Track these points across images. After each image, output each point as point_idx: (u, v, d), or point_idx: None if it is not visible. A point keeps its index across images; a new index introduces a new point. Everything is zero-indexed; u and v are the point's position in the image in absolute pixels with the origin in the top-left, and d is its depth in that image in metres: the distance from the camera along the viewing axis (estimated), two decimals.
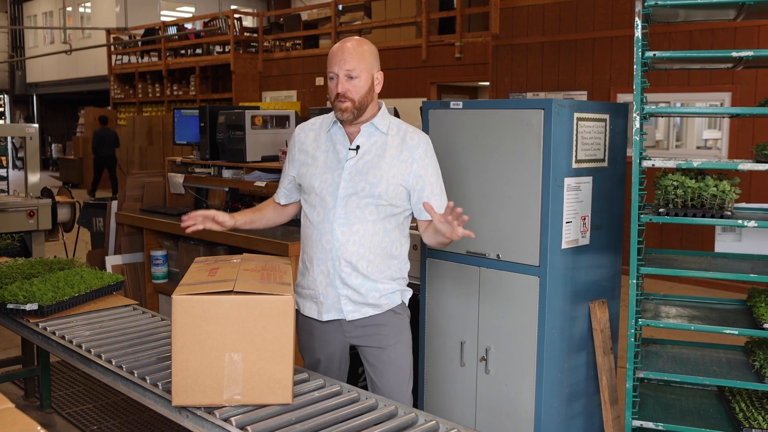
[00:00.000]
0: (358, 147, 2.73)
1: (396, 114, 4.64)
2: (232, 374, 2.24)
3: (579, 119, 3.22)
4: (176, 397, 2.25)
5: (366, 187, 2.68)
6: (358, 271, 2.72)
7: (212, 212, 2.77)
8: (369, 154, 2.72)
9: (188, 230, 2.80)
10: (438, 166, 2.82)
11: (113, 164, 16.48)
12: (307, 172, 2.79)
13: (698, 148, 8.89)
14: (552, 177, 3.14)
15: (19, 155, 23.21)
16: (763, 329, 3.03)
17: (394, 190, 2.70)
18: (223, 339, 2.22)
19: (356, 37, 2.76)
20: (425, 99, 11.49)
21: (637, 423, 3.20)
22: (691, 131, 8.99)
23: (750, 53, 3.00)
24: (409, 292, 2.91)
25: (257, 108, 5.53)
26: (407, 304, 2.90)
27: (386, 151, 2.72)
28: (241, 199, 5.48)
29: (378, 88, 2.73)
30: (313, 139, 2.83)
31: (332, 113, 2.79)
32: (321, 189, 2.73)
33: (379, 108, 2.78)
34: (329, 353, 2.85)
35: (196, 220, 2.78)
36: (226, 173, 5.29)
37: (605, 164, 3.41)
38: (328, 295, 2.76)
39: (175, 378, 2.24)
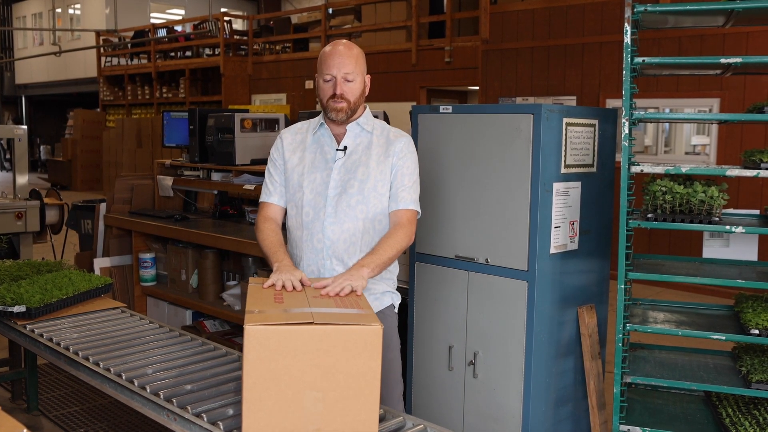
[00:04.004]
0: (345, 147, 2.77)
1: (386, 118, 4.64)
2: (310, 415, 2.02)
3: (568, 124, 3.23)
4: None
5: (355, 184, 2.71)
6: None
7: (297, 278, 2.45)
8: (356, 153, 2.77)
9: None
10: (416, 164, 2.82)
11: None
12: (294, 172, 2.80)
13: (687, 153, 8.92)
14: (541, 182, 3.14)
15: (8, 156, 23.13)
16: (750, 335, 3.04)
17: (383, 187, 2.74)
18: (302, 375, 2.00)
19: (344, 40, 2.82)
20: (415, 103, 11.53)
21: (624, 428, 3.21)
22: (680, 137, 9.03)
23: (738, 60, 3.02)
24: (399, 298, 2.91)
25: (247, 111, 5.52)
26: (397, 309, 2.90)
27: (372, 150, 2.77)
28: (229, 202, 5.47)
29: (366, 91, 2.80)
30: (300, 141, 2.86)
31: (317, 118, 2.85)
32: (311, 188, 2.75)
33: (364, 109, 2.85)
34: None
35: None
36: (216, 176, 5.27)
37: (594, 169, 3.43)
38: None
39: (247, 419, 2.02)
